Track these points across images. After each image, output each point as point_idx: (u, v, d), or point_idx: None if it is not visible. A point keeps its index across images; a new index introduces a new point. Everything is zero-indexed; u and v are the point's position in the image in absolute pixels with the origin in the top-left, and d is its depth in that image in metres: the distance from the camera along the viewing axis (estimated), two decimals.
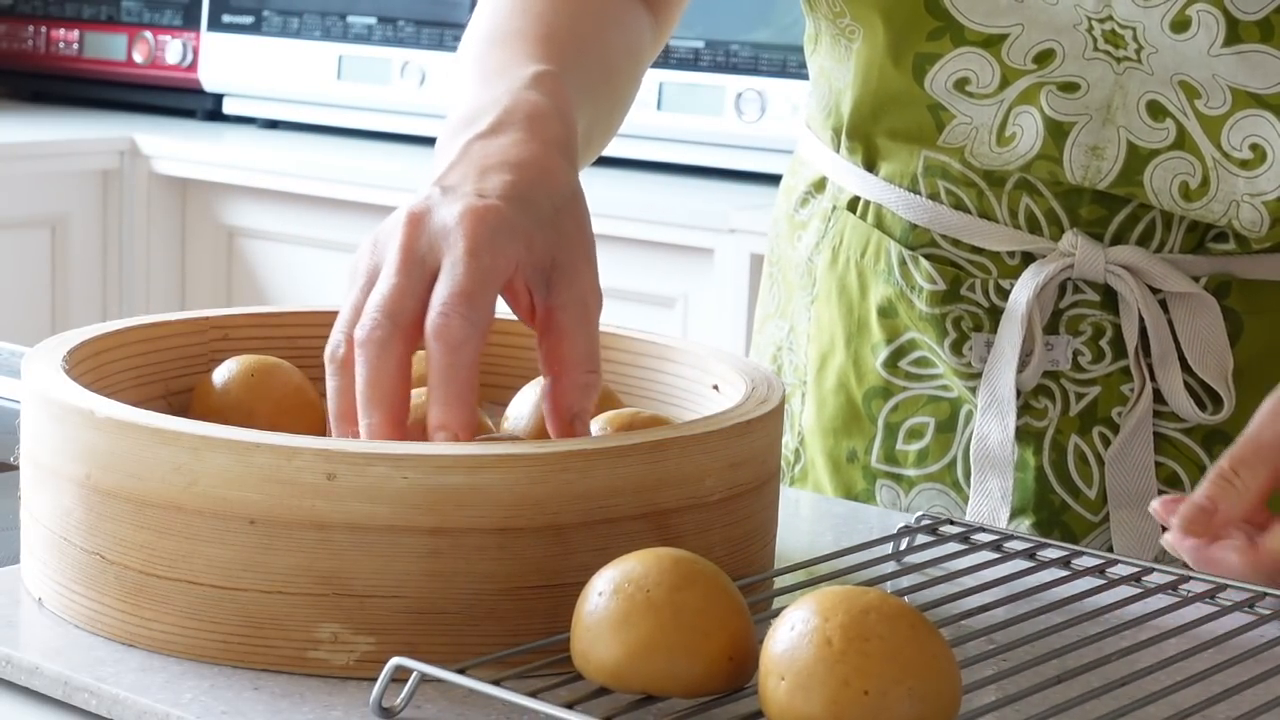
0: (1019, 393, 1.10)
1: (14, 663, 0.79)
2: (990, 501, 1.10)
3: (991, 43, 1.06)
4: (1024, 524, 1.12)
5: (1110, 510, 1.10)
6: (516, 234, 0.84)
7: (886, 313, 1.15)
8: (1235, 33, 1.01)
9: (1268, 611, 0.87)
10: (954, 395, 1.13)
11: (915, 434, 1.15)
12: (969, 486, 1.13)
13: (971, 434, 1.12)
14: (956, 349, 1.12)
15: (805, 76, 1.22)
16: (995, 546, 0.94)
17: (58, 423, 0.82)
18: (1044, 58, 1.06)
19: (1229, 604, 0.87)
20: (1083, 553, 0.93)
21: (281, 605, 0.77)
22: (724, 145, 2.83)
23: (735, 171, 2.84)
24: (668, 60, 2.87)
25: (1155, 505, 0.92)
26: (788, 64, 2.77)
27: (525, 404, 0.95)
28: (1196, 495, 0.91)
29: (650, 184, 2.82)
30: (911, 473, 1.15)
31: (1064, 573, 0.91)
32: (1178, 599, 0.88)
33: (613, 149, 2.86)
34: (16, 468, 0.88)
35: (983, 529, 0.96)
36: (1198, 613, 0.87)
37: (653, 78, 2.86)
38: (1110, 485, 1.10)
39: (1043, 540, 0.95)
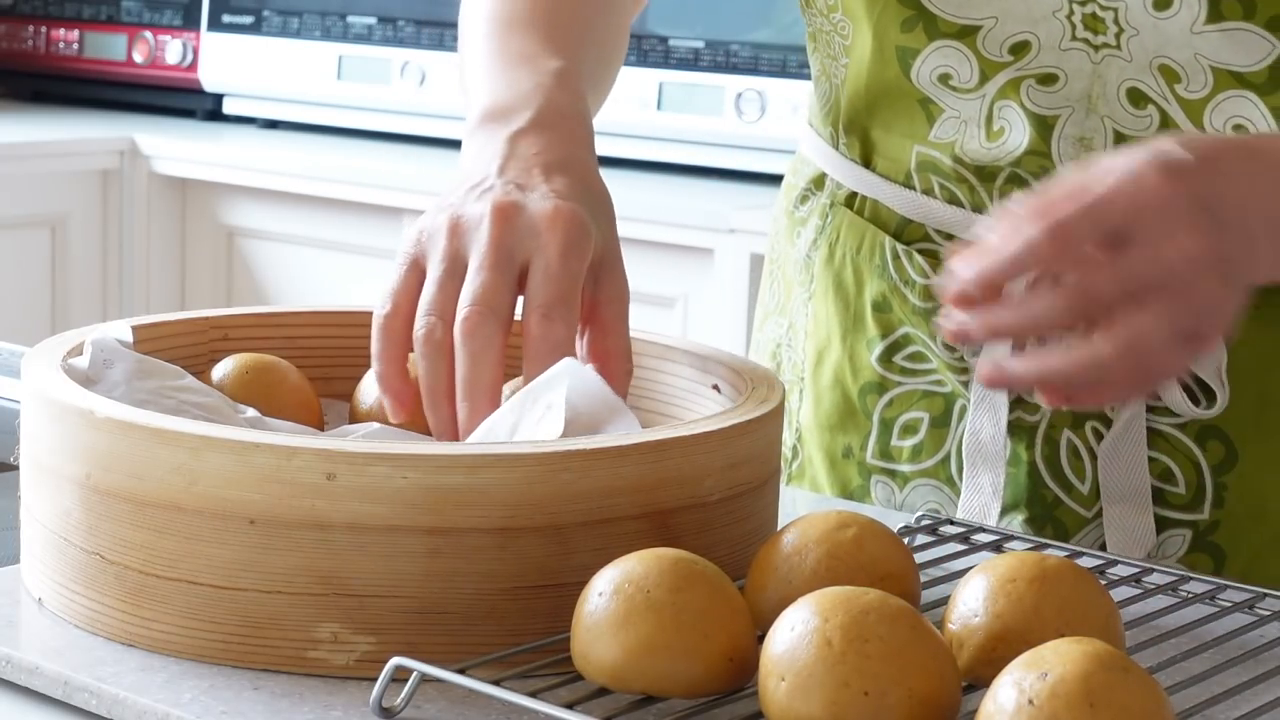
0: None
1: (14, 663, 0.79)
2: (981, 497, 1.10)
3: (966, 34, 1.07)
4: (1016, 519, 1.12)
5: (1103, 505, 1.10)
6: (591, 236, 0.92)
7: (881, 307, 1.15)
8: (1217, 10, 1.01)
9: (1267, 611, 0.87)
10: (948, 390, 1.13)
11: (909, 429, 1.15)
12: (963, 482, 1.13)
13: (965, 429, 1.12)
14: (949, 344, 1.12)
15: (805, 76, 1.22)
16: (995, 547, 0.94)
17: (58, 423, 0.82)
18: (1019, 49, 1.06)
19: (1229, 604, 0.87)
20: (1082, 553, 0.93)
21: (281, 605, 0.77)
22: (724, 145, 2.83)
23: (735, 171, 2.84)
24: (668, 60, 2.87)
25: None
26: (788, 64, 2.76)
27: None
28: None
29: (650, 184, 2.82)
30: (906, 468, 1.15)
31: None
32: (1178, 599, 0.88)
33: (613, 149, 2.88)
34: (16, 468, 0.88)
35: (983, 529, 0.96)
36: (1198, 613, 0.87)
37: (652, 78, 2.86)
38: (1103, 480, 1.09)
39: (1042, 540, 0.95)
